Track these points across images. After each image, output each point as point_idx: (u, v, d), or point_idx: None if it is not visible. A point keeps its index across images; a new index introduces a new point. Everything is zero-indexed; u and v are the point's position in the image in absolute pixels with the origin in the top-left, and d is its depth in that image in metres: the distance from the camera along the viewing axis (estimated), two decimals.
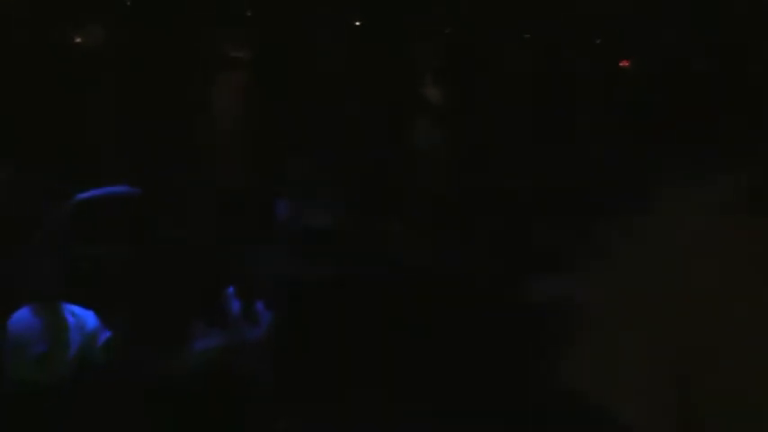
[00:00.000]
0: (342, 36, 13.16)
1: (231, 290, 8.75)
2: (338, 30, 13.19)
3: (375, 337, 9.64)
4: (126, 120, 12.40)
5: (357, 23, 13.71)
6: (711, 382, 2.53)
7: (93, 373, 7.60)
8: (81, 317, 7.69)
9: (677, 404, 2.73)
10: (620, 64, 15.86)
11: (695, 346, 2.57)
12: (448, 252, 11.32)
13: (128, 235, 10.01)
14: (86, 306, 7.68)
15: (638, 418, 4.51)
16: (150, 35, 12.35)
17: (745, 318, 2.54)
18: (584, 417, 6.59)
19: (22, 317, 7.48)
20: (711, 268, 2.59)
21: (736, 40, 13.54)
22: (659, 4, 13.74)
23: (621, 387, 4.87)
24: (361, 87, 13.26)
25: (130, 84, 12.24)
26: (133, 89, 12.23)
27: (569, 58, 14.55)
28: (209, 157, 12.49)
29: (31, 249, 9.41)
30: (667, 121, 15.38)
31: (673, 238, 2.68)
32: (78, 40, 12.40)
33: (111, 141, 12.06)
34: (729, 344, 2.55)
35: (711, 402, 2.57)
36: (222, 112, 13.03)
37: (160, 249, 9.83)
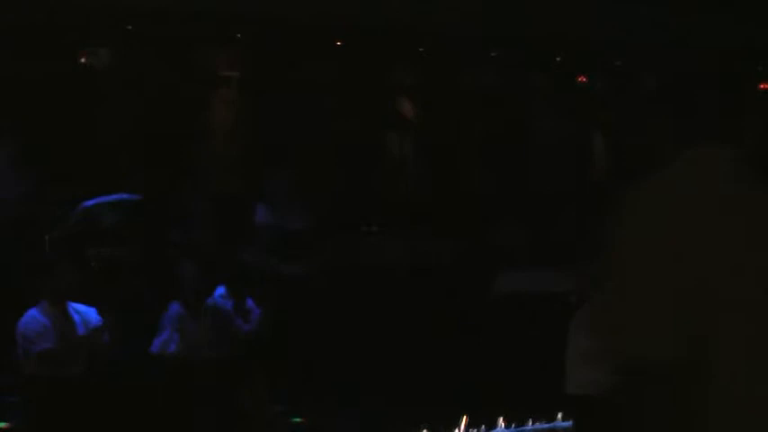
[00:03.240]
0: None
1: (222, 288, 8.92)
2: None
3: (351, 329, 9.73)
4: (127, 134, 12.57)
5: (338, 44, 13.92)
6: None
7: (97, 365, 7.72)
8: (85, 314, 7.82)
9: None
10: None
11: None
12: (418, 249, 11.39)
13: (131, 238, 10.14)
14: (92, 304, 7.84)
15: None
16: (148, 56, 12.59)
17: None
18: None
19: (31, 316, 7.65)
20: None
21: None
22: None
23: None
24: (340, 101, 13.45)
25: (131, 101, 12.45)
26: (133, 106, 12.43)
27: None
28: (203, 166, 12.65)
29: (42, 253, 9.58)
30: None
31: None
32: (83, 60, 12.65)
33: (115, 154, 12.25)
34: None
35: None
36: (213, 126, 13.24)
37: (160, 251, 9.94)
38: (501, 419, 8.39)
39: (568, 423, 7.90)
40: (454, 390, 8.95)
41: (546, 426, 8.36)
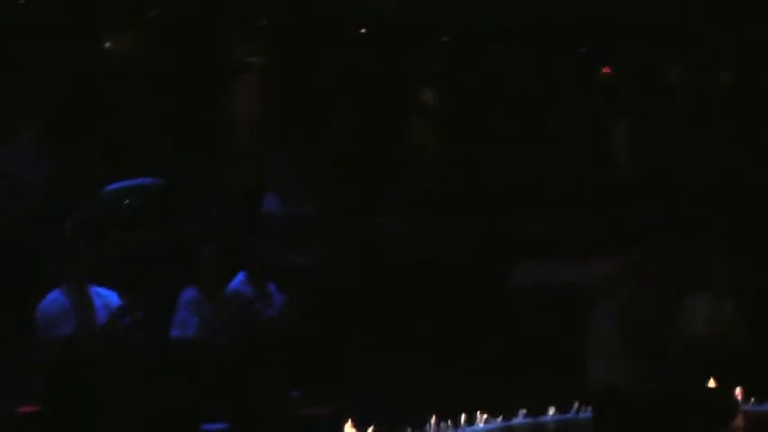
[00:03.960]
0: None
1: (243, 274, 8.88)
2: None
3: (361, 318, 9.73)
4: (149, 121, 12.54)
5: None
6: None
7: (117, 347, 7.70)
8: (106, 298, 7.76)
9: None
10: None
11: None
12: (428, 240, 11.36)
13: (151, 222, 10.11)
14: (113, 288, 7.80)
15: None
16: (169, 45, 12.53)
17: None
18: None
19: (52, 300, 7.58)
20: None
21: None
22: None
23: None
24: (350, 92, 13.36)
25: (152, 88, 12.40)
26: (154, 93, 12.39)
27: None
28: (223, 154, 12.61)
29: (63, 237, 9.57)
30: None
31: None
32: (107, 45, 12.59)
33: (136, 140, 12.21)
34: None
35: None
36: (233, 114, 13.19)
37: (180, 236, 9.91)
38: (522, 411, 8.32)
39: (587, 414, 7.82)
40: (470, 379, 8.90)
41: (566, 416, 8.27)
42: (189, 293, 8.24)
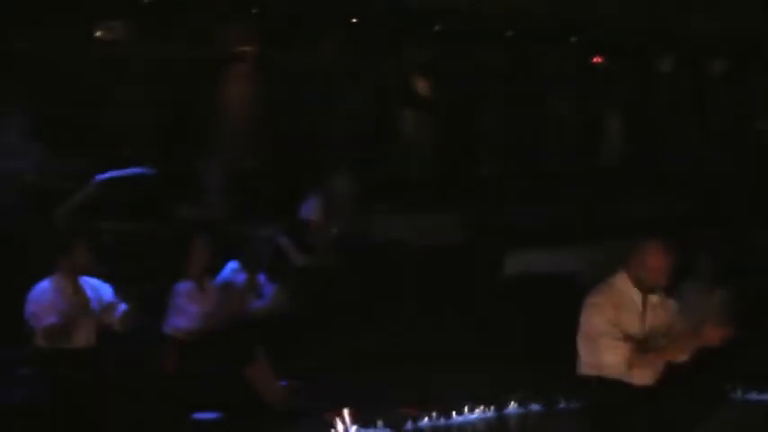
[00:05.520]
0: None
1: (235, 263, 8.84)
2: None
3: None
4: (145, 109, 12.48)
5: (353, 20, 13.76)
6: None
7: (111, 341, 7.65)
8: (99, 289, 7.70)
9: None
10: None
11: None
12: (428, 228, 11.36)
13: (143, 212, 10.05)
14: (106, 278, 7.75)
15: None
16: (167, 32, 12.45)
17: None
18: None
19: (42, 289, 7.48)
20: None
21: None
22: None
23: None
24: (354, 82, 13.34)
25: (150, 76, 12.34)
26: (152, 81, 12.33)
27: None
28: (217, 142, 12.56)
29: (54, 226, 9.50)
30: None
31: None
32: (99, 34, 12.48)
33: (131, 128, 12.17)
34: None
35: None
36: (228, 102, 13.13)
37: (172, 225, 9.87)
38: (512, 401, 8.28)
39: (571, 405, 7.80)
40: (463, 368, 8.88)
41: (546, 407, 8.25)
42: (183, 285, 8.22)
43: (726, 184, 14.34)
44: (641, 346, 6.03)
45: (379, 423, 7.61)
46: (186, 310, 8.11)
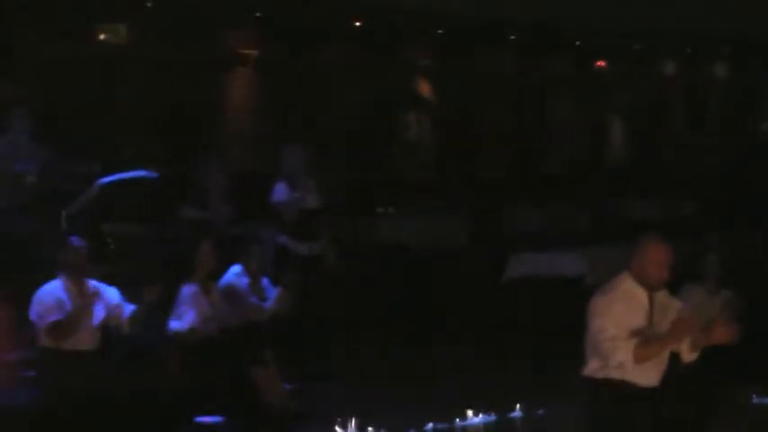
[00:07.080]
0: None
1: (239, 266, 8.80)
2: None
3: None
4: (147, 112, 12.46)
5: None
6: None
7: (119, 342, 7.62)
8: (104, 292, 7.66)
9: None
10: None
11: None
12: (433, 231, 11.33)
13: (147, 215, 10.03)
14: (111, 280, 7.72)
15: None
16: (169, 35, 12.41)
17: None
18: None
19: (47, 290, 7.47)
20: None
21: None
22: None
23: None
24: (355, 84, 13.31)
25: (151, 79, 12.31)
26: (153, 84, 12.30)
27: None
28: (220, 143, 12.52)
29: (59, 228, 9.47)
30: None
31: None
32: (102, 37, 12.47)
33: (133, 132, 12.13)
34: None
35: None
36: (230, 104, 13.09)
37: (176, 228, 9.83)
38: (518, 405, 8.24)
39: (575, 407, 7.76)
40: (467, 371, 8.84)
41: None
42: (188, 288, 8.18)
43: (730, 186, 14.30)
44: (645, 340, 5.97)
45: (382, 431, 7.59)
46: (191, 312, 8.08)
